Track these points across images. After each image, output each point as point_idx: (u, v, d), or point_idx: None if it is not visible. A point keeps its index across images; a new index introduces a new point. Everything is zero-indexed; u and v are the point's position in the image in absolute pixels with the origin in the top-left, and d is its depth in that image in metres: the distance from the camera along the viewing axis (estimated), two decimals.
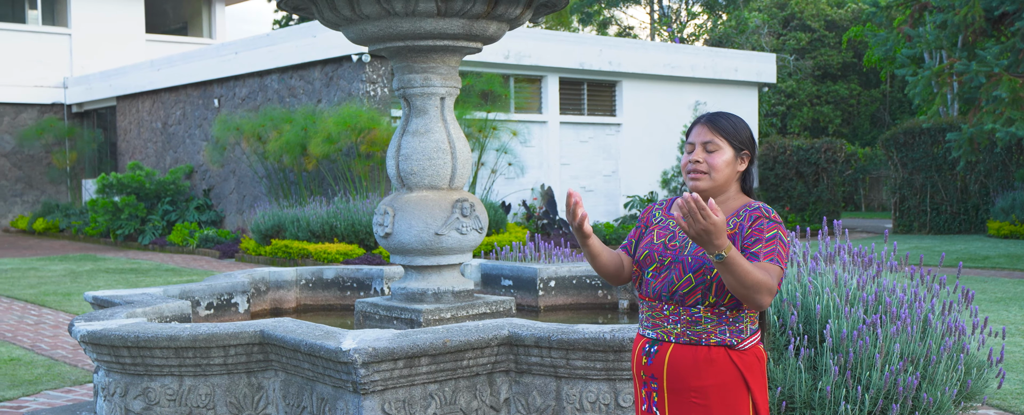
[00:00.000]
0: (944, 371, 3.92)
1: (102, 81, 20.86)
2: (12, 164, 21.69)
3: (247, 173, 17.14)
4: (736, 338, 2.76)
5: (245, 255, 14.50)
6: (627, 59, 18.08)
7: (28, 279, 12.59)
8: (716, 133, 2.84)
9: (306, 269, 6.21)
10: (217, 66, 17.48)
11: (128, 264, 14.32)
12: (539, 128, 17.22)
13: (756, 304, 2.63)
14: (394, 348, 3.52)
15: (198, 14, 24.94)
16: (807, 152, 19.75)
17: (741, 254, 2.60)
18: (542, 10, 5.20)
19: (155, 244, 16.64)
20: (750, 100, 20.54)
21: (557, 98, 17.45)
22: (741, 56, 20.20)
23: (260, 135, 15.09)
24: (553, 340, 3.74)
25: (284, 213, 14.05)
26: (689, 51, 19.52)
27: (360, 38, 4.88)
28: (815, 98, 30.28)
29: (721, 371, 2.75)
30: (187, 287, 5.37)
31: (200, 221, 17.34)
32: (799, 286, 4.22)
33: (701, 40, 27.83)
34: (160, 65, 19.08)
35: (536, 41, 16.87)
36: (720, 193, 2.86)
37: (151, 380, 3.94)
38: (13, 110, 21.61)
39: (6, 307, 10.18)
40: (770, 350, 4.10)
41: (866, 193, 28.44)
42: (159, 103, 19.59)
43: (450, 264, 4.97)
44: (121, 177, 17.33)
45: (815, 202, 19.73)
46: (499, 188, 16.37)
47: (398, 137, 4.98)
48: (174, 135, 19.20)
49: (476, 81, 15.08)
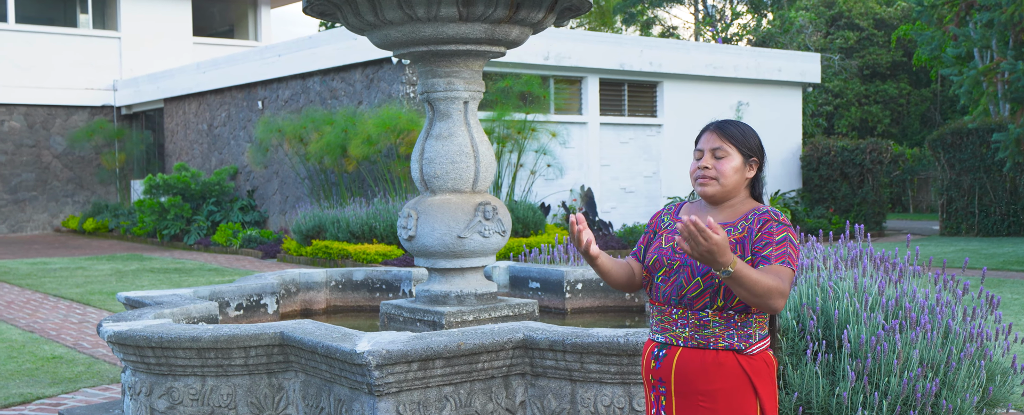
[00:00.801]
0: (965, 378, 3.87)
1: (150, 83, 21.24)
2: (63, 165, 22.16)
3: (290, 174, 17.34)
4: (744, 343, 2.77)
5: (287, 255, 14.67)
6: (668, 59, 18.00)
7: (75, 278, 12.85)
8: (725, 140, 2.86)
9: (336, 271, 6.29)
10: (260, 68, 17.71)
11: (173, 264, 14.56)
12: (579, 129, 17.21)
13: (770, 309, 2.64)
14: (408, 351, 3.56)
15: (244, 17, 25.28)
16: (852, 153, 19.51)
17: (747, 264, 2.60)
18: (566, 13, 5.22)
19: (200, 244, 16.90)
20: (794, 100, 20.34)
21: (597, 99, 17.43)
22: (785, 56, 20.01)
23: (302, 137, 15.27)
24: (567, 344, 3.76)
25: (324, 214, 14.20)
26: (732, 51, 19.39)
27: (384, 43, 4.94)
28: (863, 98, 29.89)
29: (729, 375, 2.75)
30: (217, 288, 5.46)
31: (244, 222, 17.58)
32: (819, 290, 4.19)
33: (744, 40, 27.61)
34: (205, 68, 19.37)
35: (576, 42, 16.87)
36: (728, 199, 2.87)
37: (175, 380, 4.03)
38: (65, 112, 22.08)
39: (53, 306, 10.42)
40: (788, 354, 4.08)
41: (914, 194, 28.02)
42: (205, 105, 19.90)
43: (473, 267, 5.01)
44: (167, 178, 17.63)
45: (860, 204, 19.48)
46: (538, 189, 16.40)
47: (422, 141, 5.03)
48: (219, 137, 19.49)
49: (515, 83, 15.12)
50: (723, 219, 2.85)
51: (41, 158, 21.90)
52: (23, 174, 21.71)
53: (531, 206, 14.38)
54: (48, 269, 14.03)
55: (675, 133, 18.47)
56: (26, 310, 10.11)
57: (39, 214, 21.93)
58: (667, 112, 18.35)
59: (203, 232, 17.32)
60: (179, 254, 16.19)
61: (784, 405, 3.92)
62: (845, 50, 29.88)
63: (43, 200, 21.96)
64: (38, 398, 6.33)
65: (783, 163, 20.10)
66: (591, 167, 17.36)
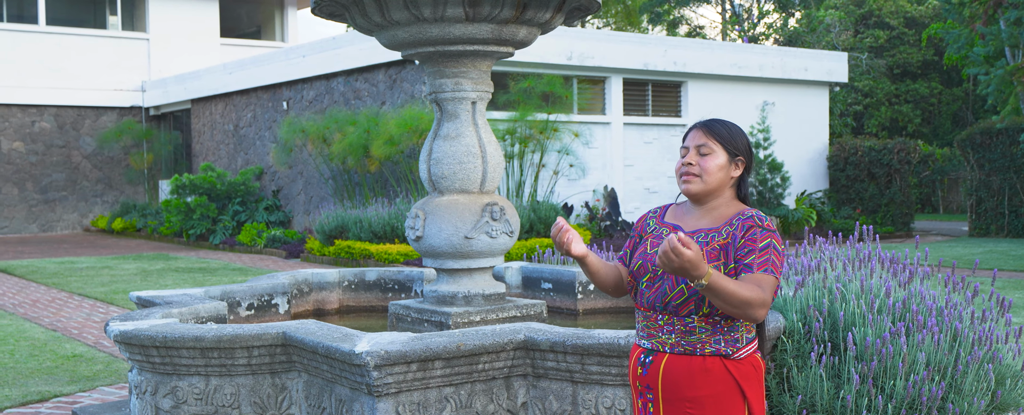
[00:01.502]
0: (973, 381, 3.82)
1: (177, 84, 21.43)
2: (93, 165, 22.41)
3: (314, 175, 17.43)
4: (731, 347, 2.74)
5: (310, 255, 14.75)
6: (693, 59, 17.92)
7: (101, 277, 12.99)
8: (710, 137, 2.83)
9: (349, 271, 6.31)
10: (285, 69, 17.81)
11: (197, 263, 14.67)
12: (602, 129, 17.17)
13: (750, 319, 2.61)
14: (407, 351, 3.56)
15: (271, 18, 25.45)
16: (879, 153, 19.32)
17: (724, 276, 2.58)
18: (575, 13, 5.20)
19: (225, 244, 17.03)
20: (820, 100, 20.18)
21: (621, 99, 17.38)
22: (811, 55, 19.85)
23: (325, 137, 15.34)
24: (568, 345, 3.75)
25: (347, 214, 14.26)
26: (757, 50, 19.27)
27: (392, 43, 4.94)
28: (894, 97, 29.58)
29: (716, 381, 2.72)
30: (228, 288, 5.49)
31: (268, 221, 17.69)
32: (826, 292, 4.15)
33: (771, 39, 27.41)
34: (232, 69, 19.52)
35: (599, 42, 16.83)
36: (712, 198, 2.84)
37: (179, 379, 4.06)
38: (94, 113, 22.32)
39: (77, 305, 10.53)
40: (793, 356, 4.04)
41: (944, 195, 27.69)
42: (231, 106, 20.05)
43: (481, 267, 5.00)
44: (193, 178, 17.78)
45: (887, 204, 19.29)
46: (561, 190, 16.37)
47: (429, 141, 5.04)
48: (245, 137, 19.63)
49: (537, 83, 15.10)
50: (707, 224, 2.81)
51: (71, 158, 22.16)
52: (53, 174, 21.98)
53: (553, 206, 14.36)
54: (75, 268, 14.18)
55: None
56: (51, 309, 10.23)
57: (69, 214, 22.19)
58: (692, 112, 18.25)
59: (228, 232, 17.45)
60: (205, 254, 16.32)
61: (788, 408, 3.88)
62: (875, 49, 29.59)
63: (73, 200, 22.22)
64: (55, 396, 6.40)
65: (809, 163, 19.95)
66: (614, 167, 17.31)
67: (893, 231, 18.78)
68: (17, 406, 6.17)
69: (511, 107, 15.36)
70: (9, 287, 12.13)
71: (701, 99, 18.37)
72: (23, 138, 21.66)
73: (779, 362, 4.05)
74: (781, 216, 17.20)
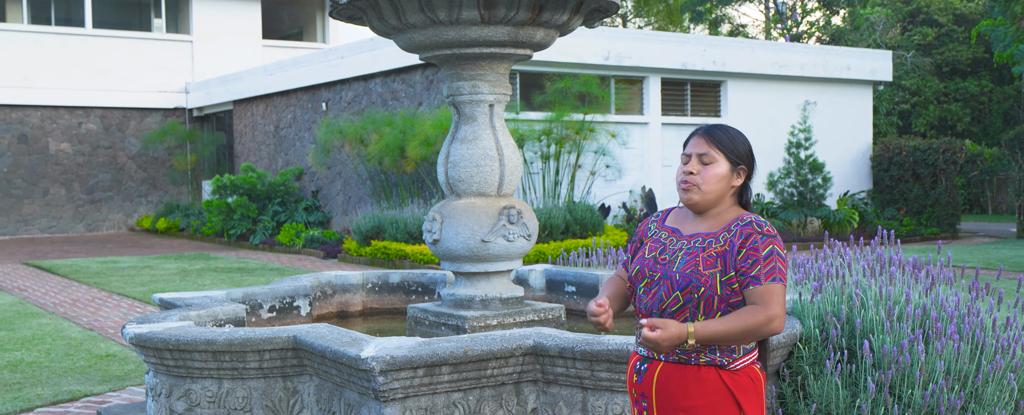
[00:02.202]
0: (994, 391, 3.71)
1: (220, 86, 21.67)
2: (138, 166, 22.74)
3: (352, 175, 17.53)
4: (727, 358, 2.69)
5: (347, 256, 14.83)
6: (732, 58, 17.74)
7: (141, 277, 13.16)
8: (713, 145, 2.78)
9: (372, 273, 6.32)
10: (324, 70, 17.93)
11: (236, 263, 14.82)
12: (640, 129, 17.06)
13: (767, 336, 2.64)
14: (413, 357, 3.55)
15: (312, 19, 25.64)
16: (924, 153, 18.98)
17: (706, 323, 2.58)
18: (595, 15, 5.16)
19: (265, 244, 17.19)
20: (863, 99, 19.88)
21: (659, 99, 17.26)
22: (854, 54, 19.56)
23: (362, 138, 15.41)
24: (577, 351, 3.71)
25: (383, 215, 14.31)
26: (798, 49, 19.03)
27: (409, 46, 4.94)
28: (942, 95, 29.05)
29: (710, 391, 2.68)
30: (250, 290, 5.52)
31: (308, 222, 17.82)
32: (844, 299, 4.07)
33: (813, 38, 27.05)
34: (272, 70, 19.69)
35: (637, 42, 16.73)
36: (713, 207, 2.79)
37: (192, 382, 4.08)
38: (139, 114, 22.66)
39: (115, 304, 10.68)
40: (810, 364, 3.97)
41: (993, 195, 27.14)
42: (272, 107, 20.23)
43: (498, 271, 4.98)
44: (234, 179, 17.97)
45: (932, 205, 18.94)
46: (597, 190, 16.30)
47: (447, 144, 5.02)
48: (285, 138, 19.80)
49: (573, 83, 15.05)
50: (705, 228, 2.77)
51: (116, 159, 22.52)
52: (99, 175, 22.34)
53: (589, 207, 14.29)
54: (117, 268, 14.40)
55: None
56: (90, 308, 10.39)
57: (114, 214, 22.55)
58: (731, 112, 18.08)
59: (268, 232, 17.61)
60: (244, 253, 16.48)
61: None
62: (923, 47, 29.07)
63: (118, 200, 22.57)
64: (86, 395, 6.48)
65: (853, 163, 19.66)
66: (652, 167, 17.20)
67: (938, 232, 18.44)
68: (48, 405, 6.26)
69: (547, 107, 15.31)
70: (52, 286, 12.34)
71: (741, 99, 18.18)
72: (70, 139, 22.04)
73: (795, 370, 3.98)
74: (822, 217, 16.97)
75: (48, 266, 14.74)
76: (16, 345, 8.23)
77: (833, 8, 28.08)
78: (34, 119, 21.69)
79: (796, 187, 17.17)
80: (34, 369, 7.27)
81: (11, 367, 7.34)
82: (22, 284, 12.59)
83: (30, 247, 18.64)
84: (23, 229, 21.66)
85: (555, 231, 13.72)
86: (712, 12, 28.20)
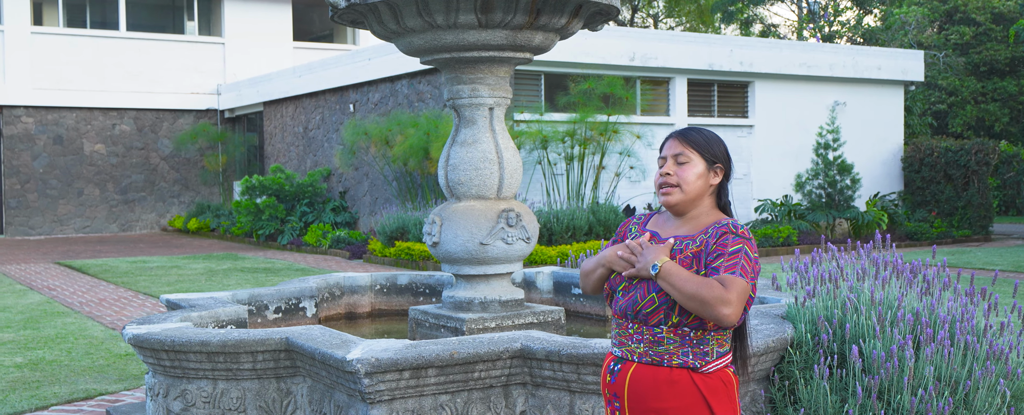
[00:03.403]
0: (985, 397, 3.68)
1: (250, 87, 21.90)
2: (170, 167, 23.04)
3: (378, 176, 17.64)
4: (700, 360, 2.69)
5: (372, 256, 14.92)
6: (760, 59, 17.63)
7: (168, 277, 13.34)
8: (687, 146, 2.81)
9: (381, 274, 6.37)
10: (352, 72, 18.05)
11: (263, 263, 14.96)
12: (666, 131, 16.99)
13: (714, 318, 2.58)
14: (398, 359, 3.58)
15: None
16: (956, 154, 18.74)
17: (680, 267, 2.65)
18: (597, 18, 5.17)
19: (292, 244, 17.34)
20: (895, 99, 19.67)
21: (685, 100, 17.20)
22: (885, 53, 19.36)
23: (387, 139, 15.50)
24: (563, 355, 3.73)
25: (407, 216, 14.39)
26: (827, 49, 18.86)
27: (410, 50, 4.98)
28: (980, 95, 28.63)
29: (682, 394, 2.68)
30: (256, 292, 5.59)
31: (335, 222, 17.95)
32: (837, 303, 4.04)
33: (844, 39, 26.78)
34: (301, 72, 19.86)
35: (662, 43, 16.68)
36: (692, 207, 2.81)
37: (188, 382, 4.14)
38: (172, 116, 22.95)
39: (140, 303, 10.84)
40: (801, 369, 3.95)
41: None
42: (301, 108, 20.41)
43: (498, 274, 5.00)
44: (262, 179, 18.15)
45: (964, 207, 18.69)
46: (622, 192, 16.26)
47: (448, 147, 5.05)
48: (314, 139, 19.96)
49: (597, 84, 15.03)
50: (685, 232, 2.79)
51: (149, 160, 22.82)
52: (133, 175, 22.66)
53: (613, 208, 14.28)
54: (145, 268, 14.59)
55: (767, 134, 18.08)
56: (114, 307, 10.55)
57: (147, 214, 22.86)
58: (759, 113, 17.97)
59: (296, 232, 17.76)
60: (272, 254, 16.64)
61: None
62: (960, 46, 28.68)
63: (151, 200, 22.88)
64: (101, 394, 6.59)
65: (883, 164, 19.46)
66: None
67: (970, 234, 18.20)
68: (63, 403, 6.37)
69: (572, 109, 15.31)
70: (81, 286, 12.54)
71: (769, 99, 18.07)
72: (104, 140, 22.37)
73: (785, 374, 3.97)
74: (850, 219, 16.82)
75: (79, 266, 14.97)
76: (39, 344, 8.39)
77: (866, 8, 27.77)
78: (69, 120, 22.04)
79: (824, 188, 17.03)
80: (54, 367, 7.40)
81: (32, 366, 7.48)
82: (52, 283, 12.80)
83: (64, 247, 18.94)
84: (58, 229, 22.02)
85: (578, 232, 13.71)
86: (743, 12, 28.01)
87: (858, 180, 17.03)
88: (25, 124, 21.65)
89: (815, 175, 17.12)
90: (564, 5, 4.73)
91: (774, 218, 17.05)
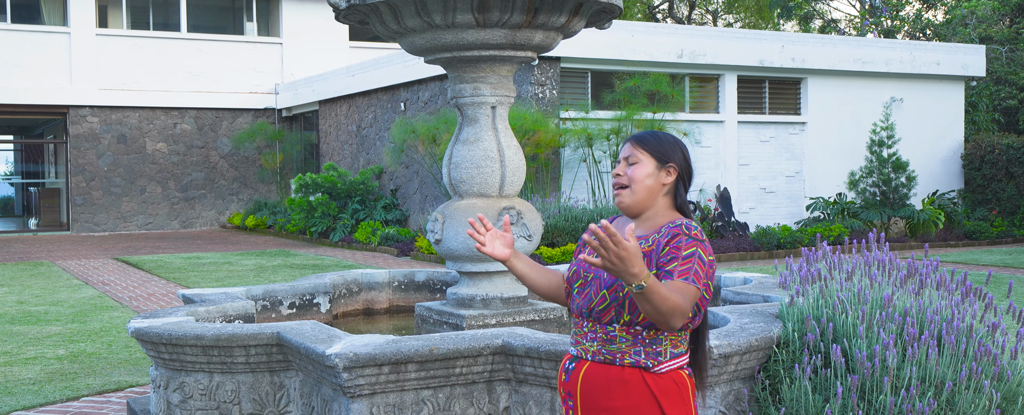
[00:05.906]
0: (970, 398, 3.62)
1: (306, 87, 22.25)
2: (229, 165, 23.52)
3: (428, 174, 17.79)
4: (652, 360, 2.69)
5: (419, 253, 15.07)
6: (812, 55, 17.38)
7: (219, 272, 13.63)
8: (636, 147, 2.83)
9: (399, 271, 6.45)
10: (403, 71, 18.24)
11: (313, 260, 15.21)
12: (715, 128, 16.85)
13: (668, 328, 2.55)
14: (376, 354, 3.64)
15: None
16: (1018, 151, 18.24)
17: (659, 280, 2.50)
18: (602, 16, 5.18)
19: (343, 241, 17.59)
20: (954, 95, 19.22)
21: (735, 97, 17.02)
22: (944, 48, 18.92)
23: (434, 137, 15.63)
24: (542, 351, 3.76)
25: None
26: (883, 44, 18.51)
27: (412, 49, 5.04)
28: None
29: (632, 393, 2.68)
30: (271, 287, 5.71)
31: (385, 220, 18.16)
32: (825, 302, 4.01)
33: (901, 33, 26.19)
34: (355, 71, 20.12)
35: (711, 39, 16.54)
36: (645, 207, 2.81)
37: (186, 375, 4.27)
38: (231, 115, 23.43)
39: None
40: (785, 368, 3.92)
41: None
42: (354, 107, 20.67)
43: (501, 270, 5.05)
44: (315, 177, 18.43)
45: None
46: None
47: (451, 145, 5.11)
48: (366, 138, 20.20)
49: (643, 82, 14.97)
50: (640, 232, 2.78)
51: (209, 158, 23.33)
52: (193, 173, 23.18)
53: None
54: (199, 263, 14.93)
55: (820, 131, 17.81)
56: (161, 302, 10.82)
57: (207, 211, 23.37)
58: (811, 109, 17.71)
59: (347, 230, 18.01)
60: (323, 250, 16.90)
61: None
62: None
63: (211, 198, 23.39)
64: (131, 386, 6.79)
65: (942, 162, 19.04)
66: (728, 166, 16.97)
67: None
68: (94, 394, 6.58)
69: (617, 106, 15.27)
70: (133, 281, 12.89)
71: (822, 96, 17.79)
72: (166, 139, 22.93)
73: (771, 373, 3.94)
74: (906, 217, 16.49)
75: (135, 261, 15.38)
76: (83, 337, 8.66)
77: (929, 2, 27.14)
78: (133, 120, 22.63)
79: (878, 186, 16.72)
80: (93, 360, 7.64)
81: (72, 358, 7.73)
82: (107, 279, 13.17)
83: (126, 243, 19.46)
84: (121, 226, 22.63)
85: None
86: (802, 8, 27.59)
87: (914, 178, 16.69)
88: (90, 124, 22.29)
89: (869, 173, 16.83)
90: (563, 4, 4.75)
91: (826, 216, 16.79)
